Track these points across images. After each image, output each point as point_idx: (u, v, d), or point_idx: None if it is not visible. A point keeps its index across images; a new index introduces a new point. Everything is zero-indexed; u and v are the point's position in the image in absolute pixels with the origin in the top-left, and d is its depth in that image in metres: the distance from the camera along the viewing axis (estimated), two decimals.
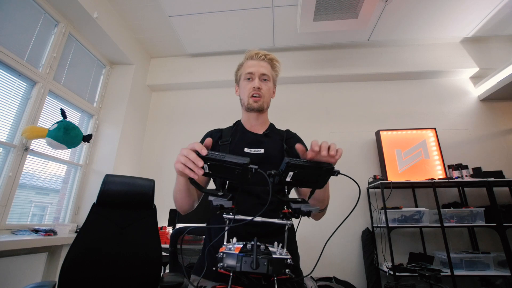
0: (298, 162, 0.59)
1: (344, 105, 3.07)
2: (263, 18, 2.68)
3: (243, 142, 0.95)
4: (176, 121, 3.22)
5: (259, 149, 0.92)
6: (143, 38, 3.04)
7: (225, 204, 0.60)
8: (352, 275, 2.45)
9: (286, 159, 0.59)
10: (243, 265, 0.50)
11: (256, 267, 0.50)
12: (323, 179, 0.65)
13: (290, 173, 0.60)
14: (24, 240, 1.59)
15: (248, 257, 0.51)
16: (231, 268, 0.51)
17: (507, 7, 2.47)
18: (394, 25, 2.75)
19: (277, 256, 0.53)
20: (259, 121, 1.02)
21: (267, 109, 1.04)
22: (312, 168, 0.60)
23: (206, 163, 0.59)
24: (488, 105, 2.88)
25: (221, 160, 0.57)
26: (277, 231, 0.70)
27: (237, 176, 0.60)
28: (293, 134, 1.07)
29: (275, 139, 0.99)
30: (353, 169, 2.77)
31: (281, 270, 0.52)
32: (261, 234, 0.67)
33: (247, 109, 0.99)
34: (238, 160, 0.56)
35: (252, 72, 0.98)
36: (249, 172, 0.58)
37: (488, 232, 2.37)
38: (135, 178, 1.37)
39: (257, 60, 1.01)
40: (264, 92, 0.98)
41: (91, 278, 1.14)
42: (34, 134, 1.86)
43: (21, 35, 1.95)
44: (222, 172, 0.60)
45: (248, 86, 0.98)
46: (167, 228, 2.40)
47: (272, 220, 0.65)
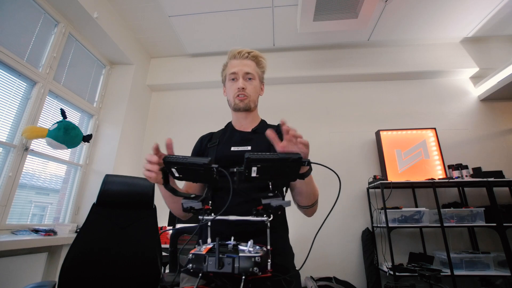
0: (259, 156, 0.55)
1: (344, 105, 3.07)
2: (263, 18, 2.68)
3: (231, 141, 0.95)
4: (176, 121, 3.22)
5: (247, 147, 0.91)
6: (143, 38, 3.04)
7: (195, 206, 0.60)
8: (352, 275, 2.45)
9: (246, 154, 0.56)
10: (208, 265, 0.50)
11: (220, 267, 0.49)
12: (293, 171, 0.59)
13: (254, 168, 0.57)
14: (24, 240, 1.59)
15: (213, 257, 0.50)
16: (199, 269, 0.51)
17: (507, 7, 2.47)
18: (394, 25, 2.75)
19: (243, 255, 0.51)
20: (248, 120, 1.00)
21: (256, 107, 1.03)
22: (275, 160, 0.56)
23: (173, 167, 0.59)
24: (488, 105, 2.88)
25: (184, 162, 0.57)
26: (260, 230, 0.67)
27: (203, 177, 0.60)
28: None
29: (263, 135, 0.96)
30: (353, 169, 2.78)
31: (248, 268, 0.50)
32: (242, 233, 0.66)
33: (234, 109, 0.99)
34: (199, 160, 0.56)
35: (236, 72, 0.95)
36: (212, 172, 0.57)
37: (488, 232, 2.37)
38: (135, 178, 1.37)
39: (240, 59, 0.98)
40: (249, 91, 0.96)
41: (91, 278, 1.14)
42: (34, 134, 1.86)
43: (21, 35, 1.95)
44: (190, 174, 0.61)
45: (233, 86, 0.96)
46: (167, 228, 2.40)
47: (246, 218, 0.63)
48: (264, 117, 1.08)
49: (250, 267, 0.51)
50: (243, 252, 0.53)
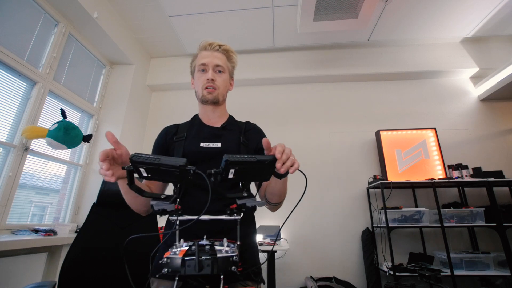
0: (238, 159, 0.56)
1: (344, 105, 3.07)
2: (263, 18, 2.68)
3: (199, 136, 0.92)
4: (176, 121, 3.17)
5: (216, 143, 0.89)
6: (143, 38, 3.04)
7: (167, 208, 0.59)
8: (352, 275, 2.45)
9: (225, 157, 0.56)
10: (187, 268, 0.49)
11: (199, 270, 0.49)
12: (268, 172, 0.62)
13: (232, 170, 0.58)
14: (24, 240, 1.59)
15: (191, 260, 0.50)
16: (176, 272, 0.50)
17: (507, 7, 2.47)
18: (394, 25, 2.75)
19: (221, 255, 0.52)
20: (216, 114, 0.98)
21: (224, 102, 1.01)
22: (253, 163, 0.58)
23: (142, 167, 0.56)
24: (488, 105, 2.88)
25: (156, 163, 0.54)
26: (231, 227, 0.68)
27: (177, 178, 0.58)
28: (253, 125, 1.03)
29: (233, 131, 0.96)
30: (353, 169, 2.78)
31: (227, 268, 0.52)
32: (214, 232, 0.66)
33: (202, 101, 0.96)
34: (174, 162, 0.54)
35: (206, 63, 0.93)
36: (188, 173, 0.56)
37: (488, 232, 2.37)
38: None
39: (211, 51, 0.96)
40: (218, 83, 0.94)
41: (91, 278, 1.14)
42: (34, 134, 1.86)
43: (21, 35, 1.95)
44: (161, 174, 0.58)
45: (202, 77, 0.94)
46: None
47: (220, 217, 0.64)
48: (264, 116, 1.09)
49: (229, 266, 0.52)
50: (220, 252, 0.53)
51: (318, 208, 2.63)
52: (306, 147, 2.89)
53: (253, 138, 0.96)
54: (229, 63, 1.00)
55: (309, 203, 2.61)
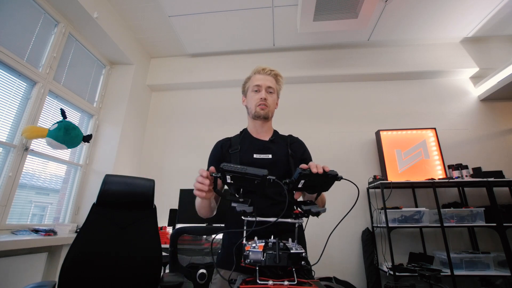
0: (309, 172, 0.69)
1: (344, 105, 3.07)
2: (263, 18, 2.68)
3: (252, 148, 1.05)
4: (176, 121, 3.22)
5: (267, 155, 1.03)
6: (143, 38, 3.04)
7: (247, 209, 0.69)
8: (352, 275, 2.45)
9: (298, 170, 0.70)
10: (267, 260, 0.60)
11: (279, 261, 0.60)
12: (329, 184, 0.76)
13: (302, 181, 0.71)
14: (24, 240, 1.59)
15: (271, 254, 0.60)
16: (256, 262, 0.61)
17: (507, 7, 2.47)
18: (394, 25, 2.75)
19: (294, 251, 0.62)
20: (264, 129, 1.12)
21: (272, 118, 1.15)
22: (320, 176, 0.70)
23: (229, 175, 0.68)
24: (488, 105, 2.88)
25: (243, 172, 0.65)
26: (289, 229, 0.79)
27: (256, 186, 0.69)
28: (296, 138, 1.18)
29: (280, 144, 1.10)
30: (353, 169, 2.78)
31: (298, 262, 0.62)
32: (275, 232, 0.74)
33: (254, 117, 1.10)
34: (258, 172, 0.66)
35: (260, 85, 1.09)
36: (266, 182, 0.67)
37: (488, 232, 2.37)
38: (135, 178, 1.37)
39: (264, 75, 1.12)
40: (269, 102, 1.09)
41: (91, 278, 1.14)
42: (34, 134, 1.86)
43: (21, 35, 1.95)
44: (243, 182, 0.69)
45: (256, 97, 1.09)
46: (167, 228, 2.40)
47: (287, 220, 0.74)
48: None
49: (300, 261, 0.63)
50: (292, 249, 0.63)
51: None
52: (306, 147, 2.88)
53: (298, 150, 1.12)
54: (277, 85, 1.16)
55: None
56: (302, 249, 0.64)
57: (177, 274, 1.27)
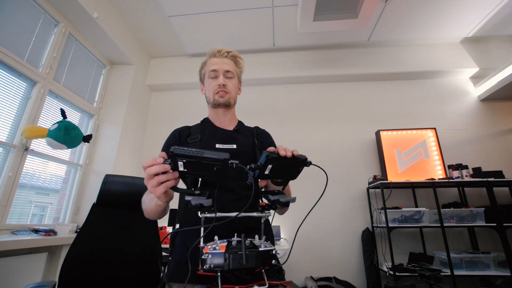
0: (278, 155, 0.60)
1: (344, 105, 3.07)
2: (263, 18, 2.68)
3: (214, 138, 0.94)
4: (176, 121, 3.18)
5: (232, 145, 0.92)
6: (143, 38, 3.04)
7: (204, 203, 0.57)
8: (352, 275, 2.45)
9: (265, 152, 0.59)
10: (231, 262, 0.50)
11: (245, 263, 0.50)
12: (297, 170, 0.66)
13: (269, 166, 0.61)
14: (24, 240, 1.59)
15: (235, 254, 0.51)
16: (218, 267, 0.51)
17: (507, 7, 2.47)
18: (394, 25, 2.75)
19: (263, 249, 0.54)
20: (227, 117, 1.01)
21: (234, 105, 1.04)
22: (289, 160, 0.61)
23: (181, 160, 0.54)
24: (488, 105, 2.88)
25: (199, 156, 0.53)
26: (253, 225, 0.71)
27: (215, 173, 0.57)
28: (262, 130, 1.08)
29: (246, 135, 1.00)
30: (353, 169, 2.77)
31: (268, 261, 0.54)
32: (238, 229, 0.66)
33: (213, 105, 0.99)
34: (218, 155, 0.54)
35: (216, 70, 0.97)
36: (228, 168, 0.56)
37: (488, 232, 2.37)
38: (135, 178, 1.37)
39: (220, 58, 1.00)
40: (229, 88, 0.97)
41: (91, 278, 1.14)
42: (34, 134, 1.86)
43: (21, 35, 1.95)
44: (199, 169, 0.57)
45: (213, 83, 0.97)
46: (167, 228, 2.40)
47: (252, 214, 0.65)
48: (264, 116, 1.10)
49: (269, 259, 0.55)
50: (260, 247, 0.55)
51: (318, 208, 2.61)
52: (306, 147, 2.89)
53: (265, 141, 1.01)
54: (237, 68, 1.03)
55: (309, 203, 2.60)
56: (271, 246, 0.57)
57: None
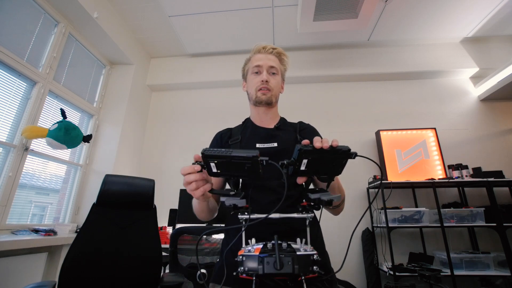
0: (312, 148, 0.54)
1: (344, 105, 3.07)
2: (263, 18, 2.68)
3: (255, 137, 0.91)
4: (176, 121, 3.22)
5: (272, 143, 0.88)
6: (143, 38, 3.04)
7: (238, 203, 0.56)
8: (352, 275, 2.45)
9: (298, 146, 0.54)
10: (265, 266, 0.46)
11: (280, 268, 0.45)
12: (340, 164, 0.58)
13: (304, 161, 0.55)
14: (24, 240, 1.59)
15: (270, 257, 0.46)
16: (253, 271, 0.47)
17: (507, 7, 2.47)
18: (394, 25, 2.75)
19: (301, 253, 0.48)
20: (268, 116, 0.97)
21: (277, 103, 1.00)
22: (327, 152, 0.54)
23: (213, 161, 0.54)
24: (488, 105, 2.88)
25: (228, 156, 0.51)
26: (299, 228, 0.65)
27: (247, 171, 0.55)
28: (307, 125, 1.03)
29: (288, 131, 0.95)
30: (353, 169, 2.77)
31: (308, 267, 0.48)
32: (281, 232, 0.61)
33: (255, 103, 0.94)
34: (247, 153, 0.51)
35: (260, 65, 0.93)
36: (259, 166, 0.53)
37: (488, 232, 2.37)
38: (135, 178, 1.37)
39: (265, 54, 0.96)
40: (272, 85, 0.93)
41: (91, 278, 1.14)
42: (34, 134, 1.86)
43: (21, 35, 1.95)
44: (231, 169, 0.55)
45: (256, 79, 0.93)
46: (167, 228, 2.40)
47: (291, 215, 0.60)
48: None
49: (309, 265, 0.48)
50: (299, 250, 0.49)
51: None
52: None
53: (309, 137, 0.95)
54: (282, 65, 0.99)
55: None
56: (313, 251, 0.50)
57: (177, 274, 1.27)
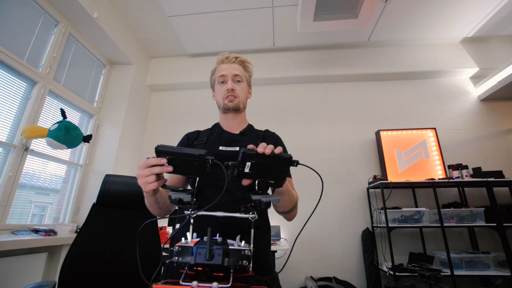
0: (254, 152, 0.57)
1: (344, 105, 3.07)
2: (263, 18, 2.68)
3: (219, 141, 0.97)
4: (176, 121, 3.22)
5: (235, 147, 0.93)
6: (143, 38, 3.04)
7: (184, 198, 0.59)
8: (352, 275, 2.45)
9: (242, 149, 0.58)
10: (197, 256, 0.49)
11: (210, 258, 0.48)
12: (283, 170, 0.62)
13: (248, 163, 0.59)
14: (24, 240, 1.59)
15: (202, 248, 0.49)
16: (186, 262, 0.50)
17: (507, 7, 2.47)
18: (394, 25, 2.75)
19: (233, 247, 0.51)
20: (236, 121, 1.03)
21: (244, 109, 1.06)
22: (269, 157, 0.58)
23: (165, 157, 0.59)
24: (488, 105, 2.88)
25: (178, 153, 0.57)
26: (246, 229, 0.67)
27: (196, 169, 0.60)
28: (272, 133, 1.08)
29: (251, 137, 1.00)
30: (353, 169, 2.77)
31: (238, 261, 0.50)
32: (226, 231, 0.66)
33: (224, 111, 1.01)
34: (195, 151, 0.56)
35: (225, 75, 1.00)
36: (206, 164, 0.58)
37: (488, 232, 2.37)
38: (135, 178, 1.37)
39: (228, 63, 1.02)
40: (238, 92, 0.99)
41: (91, 278, 1.14)
42: (34, 134, 1.86)
43: (21, 35, 1.95)
44: (181, 166, 0.60)
45: (222, 88, 1.00)
46: (167, 228, 2.40)
47: (234, 214, 0.63)
48: (264, 116, 1.09)
49: (240, 260, 0.50)
50: (232, 245, 0.52)
51: (318, 208, 2.62)
52: (306, 147, 2.89)
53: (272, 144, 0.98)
54: (246, 72, 1.05)
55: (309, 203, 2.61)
56: (246, 247, 0.52)
57: None
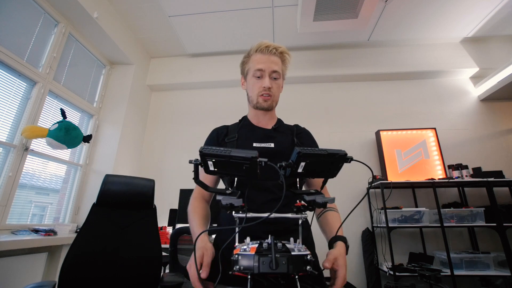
0: (310, 151, 0.56)
1: (344, 105, 3.07)
2: (263, 18, 2.68)
3: (252, 137, 0.92)
4: (176, 121, 3.22)
5: (269, 144, 0.89)
6: (143, 38, 3.04)
7: (235, 202, 0.56)
8: (352, 275, 2.45)
9: (297, 149, 0.56)
10: (261, 266, 0.47)
11: (275, 267, 0.47)
12: (336, 167, 0.61)
13: (302, 163, 0.57)
14: (24, 240, 1.59)
15: (265, 257, 0.48)
16: (248, 270, 0.48)
17: (507, 7, 2.47)
18: (394, 25, 2.75)
19: (296, 253, 0.50)
20: (266, 117, 0.98)
21: (276, 106, 1.02)
22: (324, 156, 0.57)
23: (211, 160, 0.55)
24: (488, 105, 2.88)
25: (227, 155, 0.52)
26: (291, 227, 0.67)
27: (245, 171, 0.56)
28: (303, 129, 1.05)
29: (285, 133, 0.97)
30: (353, 169, 2.76)
31: (302, 267, 0.50)
32: (275, 231, 0.63)
33: (255, 107, 0.96)
34: (246, 154, 0.52)
35: (263, 69, 0.90)
36: (257, 166, 0.54)
37: (488, 232, 2.37)
38: (135, 178, 1.37)
39: (268, 55, 0.92)
40: (274, 91, 0.93)
41: (91, 278, 1.14)
42: (34, 134, 1.86)
43: (21, 35, 1.95)
44: (229, 168, 0.56)
45: (258, 84, 0.92)
46: (167, 228, 2.40)
47: (286, 215, 0.61)
48: None
49: (303, 265, 0.50)
50: (293, 250, 0.51)
51: None
52: None
53: (305, 140, 0.97)
54: (283, 66, 0.97)
55: None
56: (306, 251, 0.52)
57: (177, 274, 1.27)
